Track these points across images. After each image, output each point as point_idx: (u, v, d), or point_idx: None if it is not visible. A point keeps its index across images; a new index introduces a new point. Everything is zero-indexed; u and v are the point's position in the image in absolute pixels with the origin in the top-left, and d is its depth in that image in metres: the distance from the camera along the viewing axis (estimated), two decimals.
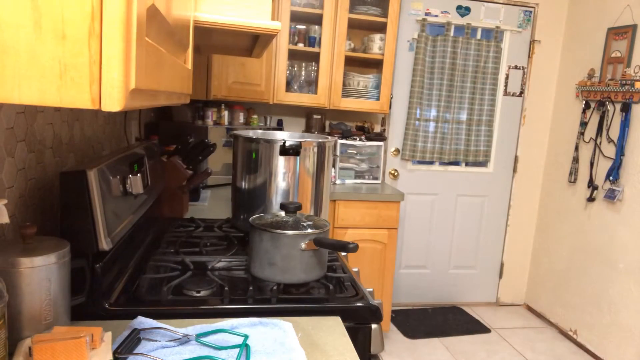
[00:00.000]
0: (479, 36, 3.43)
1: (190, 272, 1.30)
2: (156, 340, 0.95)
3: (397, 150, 3.48)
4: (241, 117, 2.96)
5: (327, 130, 3.31)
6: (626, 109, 2.84)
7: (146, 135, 2.44)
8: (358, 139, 3.15)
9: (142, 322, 1.00)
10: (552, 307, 3.47)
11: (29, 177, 1.10)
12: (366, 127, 3.32)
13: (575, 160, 3.25)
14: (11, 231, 1.02)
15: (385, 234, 2.92)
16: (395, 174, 3.48)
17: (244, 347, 0.91)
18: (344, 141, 3.09)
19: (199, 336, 0.98)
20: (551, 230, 3.52)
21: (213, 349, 0.95)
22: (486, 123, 3.48)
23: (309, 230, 1.27)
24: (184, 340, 0.96)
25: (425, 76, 3.35)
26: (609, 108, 3.00)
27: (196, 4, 1.01)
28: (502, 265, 3.75)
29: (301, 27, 3.06)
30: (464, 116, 3.45)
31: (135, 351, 0.91)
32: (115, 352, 0.88)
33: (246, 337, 0.98)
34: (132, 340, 0.93)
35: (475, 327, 3.33)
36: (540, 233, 3.65)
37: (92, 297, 1.05)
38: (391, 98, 3.23)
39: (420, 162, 3.53)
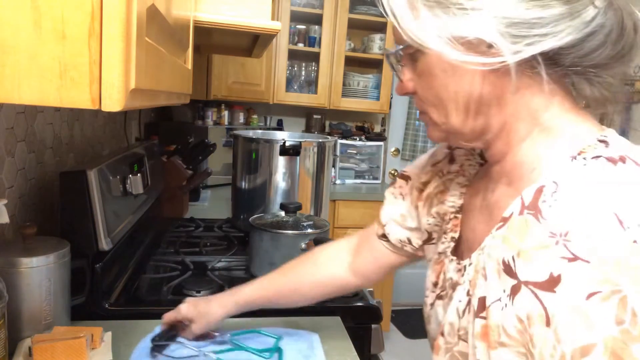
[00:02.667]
0: None
1: (190, 272, 1.30)
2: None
3: (397, 150, 3.48)
4: (241, 117, 2.96)
5: (327, 130, 3.31)
6: (626, 109, 2.84)
7: (146, 135, 2.44)
8: (358, 139, 3.16)
9: None
10: None
11: (29, 177, 1.10)
12: (366, 127, 3.32)
13: None
14: (11, 231, 1.02)
15: None
16: (395, 174, 3.49)
17: (276, 351, 0.92)
18: (344, 141, 3.09)
19: (233, 335, 0.99)
20: None
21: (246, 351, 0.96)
22: None
23: (309, 230, 1.27)
24: (218, 340, 0.97)
25: None
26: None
27: (196, 4, 1.01)
28: None
29: (301, 27, 3.06)
30: None
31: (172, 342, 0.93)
32: (153, 340, 0.92)
33: (278, 338, 0.99)
34: (169, 333, 0.95)
35: None
36: None
37: (92, 297, 1.05)
38: (391, 98, 3.23)
39: None
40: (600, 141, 0.50)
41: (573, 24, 0.48)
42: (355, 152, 3.12)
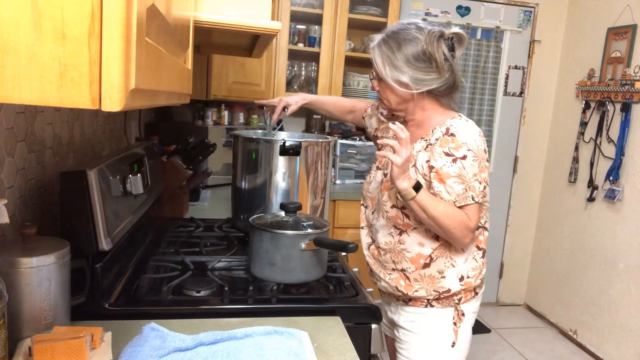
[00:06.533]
0: (479, 36, 3.43)
1: (190, 272, 1.30)
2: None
3: None
4: (241, 117, 2.96)
5: (327, 130, 3.31)
6: (626, 109, 2.84)
7: (146, 135, 2.44)
8: (358, 139, 3.15)
9: (154, 328, 0.99)
10: (552, 307, 3.47)
11: (29, 177, 1.10)
12: None
13: (575, 160, 3.25)
14: (11, 231, 1.02)
15: None
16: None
17: None
18: (344, 141, 3.09)
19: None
20: (551, 230, 3.52)
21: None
22: (486, 123, 3.48)
23: (309, 230, 1.27)
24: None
25: None
26: (609, 108, 3.00)
27: (196, 4, 1.01)
28: (502, 265, 3.75)
29: (301, 27, 3.06)
30: None
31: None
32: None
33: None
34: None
35: (476, 327, 3.32)
36: (540, 233, 3.65)
37: (92, 297, 1.05)
38: None
39: None
40: (458, 115, 1.37)
41: (437, 82, 1.31)
42: (355, 152, 3.12)
